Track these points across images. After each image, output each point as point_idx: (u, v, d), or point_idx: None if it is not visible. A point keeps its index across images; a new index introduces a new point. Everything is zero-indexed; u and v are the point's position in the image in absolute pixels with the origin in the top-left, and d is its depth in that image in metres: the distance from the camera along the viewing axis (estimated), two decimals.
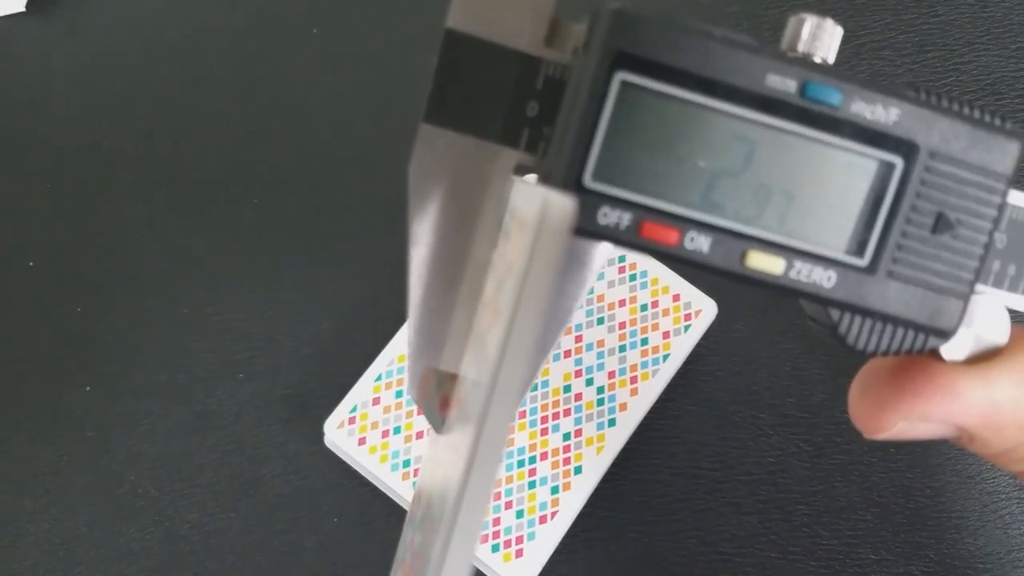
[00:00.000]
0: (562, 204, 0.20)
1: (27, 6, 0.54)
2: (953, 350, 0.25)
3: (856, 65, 0.51)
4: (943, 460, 0.44)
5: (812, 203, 0.23)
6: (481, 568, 0.41)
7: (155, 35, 0.54)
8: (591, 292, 0.45)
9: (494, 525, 0.41)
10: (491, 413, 0.20)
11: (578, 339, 0.44)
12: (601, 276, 0.45)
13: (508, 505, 0.41)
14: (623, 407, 0.43)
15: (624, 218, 0.23)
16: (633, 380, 0.43)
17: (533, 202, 0.21)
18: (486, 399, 0.20)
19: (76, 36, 0.54)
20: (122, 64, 0.53)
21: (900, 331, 0.24)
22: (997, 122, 0.24)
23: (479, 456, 0.20)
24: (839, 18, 0.52)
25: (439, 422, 0.25)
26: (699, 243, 0.23)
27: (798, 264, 0.23)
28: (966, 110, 0.23)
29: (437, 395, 0.25)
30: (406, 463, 0.42)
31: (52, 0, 0.54)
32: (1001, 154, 0.24)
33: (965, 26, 0.52)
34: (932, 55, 0.51)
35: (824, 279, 0.23)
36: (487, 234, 0.25)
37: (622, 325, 0.44)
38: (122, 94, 0.52)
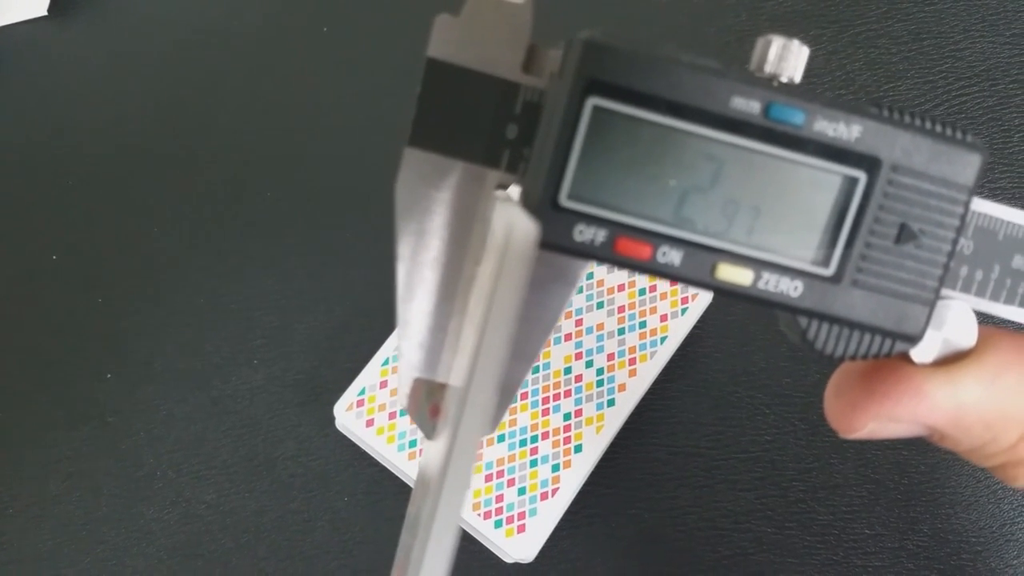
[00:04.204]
0: (526, 228, 0.21)
1: (49, 9, 0.56)
2: (922, 353, 0.26)
3: (852, 55, 0.52)
4: None
5: (778, 217, 0.24)
6: (485, 543, 0.43)
7: (173, 35, 0.56)
8: (591, 277, 0.46)
9: (497, 502, 0.42)
10: (462, 429, 0.21)
11: (578, 323, 0.45)
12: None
13: (511, 483, 0.43)
14: (622, 388, 0.44)
15: (599, 235, 0.23)
16: (632, 362, 0.45)
17: (500, 225, 0.22)
18: (457, 414, 0.21)
19: (97, 38, 0.56)
20: (141, 64, 0.55)
21: (867, 337, 0.25)
22: (959, 135, 0.24)
23: (451, 468, 0.20)
24: (835, 9, 0.53)
25: (430, 429, 0.26)
26: (671, 257, 0.24)
27: (766, 275, 0.24)
28: (928, 124, 0.24)
29: (428, 404, 0.26)
30: (412, 443, 0.43)
31: (73, 4, 0.57)
32: (962, 166, 0.24)
33: (960, 14, 0.53)
34: (927, 43, 0.52)
35: (791, 289, 0.24)
36: (476, 250, 0.25)
37: (621, 309, 0.45)
38: (141, 93, 0.54)
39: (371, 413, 0.44)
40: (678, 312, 0.45)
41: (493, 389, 0.21)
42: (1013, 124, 0.50)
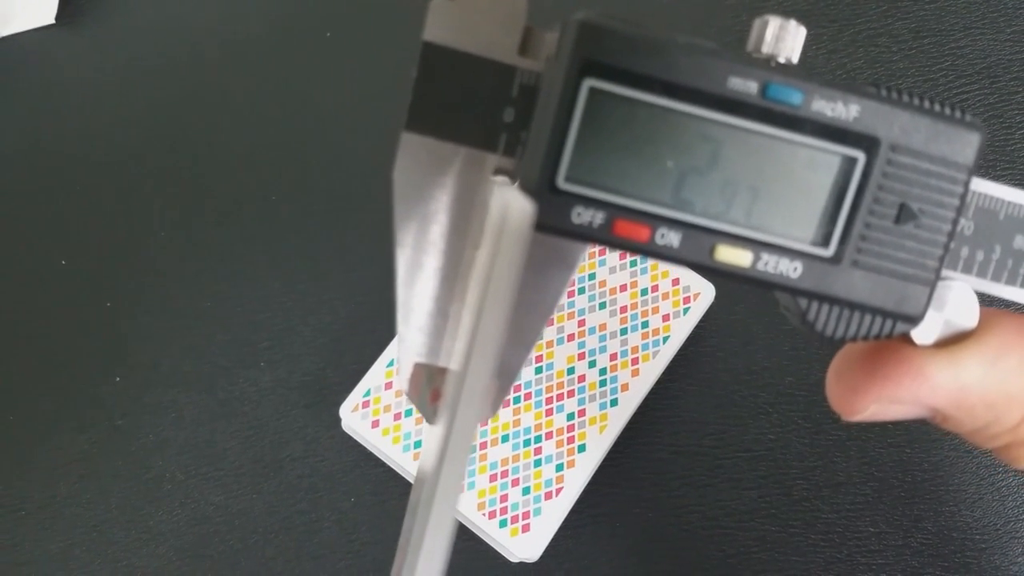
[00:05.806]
0: (521, 208, 0.21)
1: (56, 18, 0.56)
2: (923, 334, 0.26)
3: (853, 53, 0.53)
4: (941, 435, 0.45)
5: (777, 197, 0.24)
6: (489, 543, 0.43)
7: (179, 42, 0.56)
8: (593, 278, 0.46)
9: (502, 502, 0.43)
10: (459, 411, 0.21)
11: (581, 323, 0.45)
12: (603, 262, 0.46)
13: (515, 482, 0.43)
14: (625, 388, 0.44)
15: (597, 217, 0.23)
16: (634, 362, 0.45)
17: (496, 206, 0.22)
18: (454, 396, 0.21)
19: (104, 46, 0.57)
20: (147, 71, 0.56)
21: (867, 317, 0.25)
22: (958, 114, 0.24)
23: (449, 450, 0.21)
24: (835, 7, 0.54)
25: (431, 413, 0.26)
26: (670, 239, 0.24)
27: (765, 256, 0.24)
28: (926, 104, 0.24)
29: (429, 389, 0.26)
30: (417, 444, 0.44)
31: (81, 12, 0.57)
32: (962, 145, 0.24)
33: (960, 11, 0.53)
34: (928, 40, 0.52)
35: (790, 270, 0.24)
36: (475, 235, 0.25)
37: (623, 309, 0.46)
38: (147, 99, 0.55)
39: (376, 414, 0.44)
40: (680, 312, 0.46)
41: (490, 372, 0.21)
42: (1014, 121, 0.50)
